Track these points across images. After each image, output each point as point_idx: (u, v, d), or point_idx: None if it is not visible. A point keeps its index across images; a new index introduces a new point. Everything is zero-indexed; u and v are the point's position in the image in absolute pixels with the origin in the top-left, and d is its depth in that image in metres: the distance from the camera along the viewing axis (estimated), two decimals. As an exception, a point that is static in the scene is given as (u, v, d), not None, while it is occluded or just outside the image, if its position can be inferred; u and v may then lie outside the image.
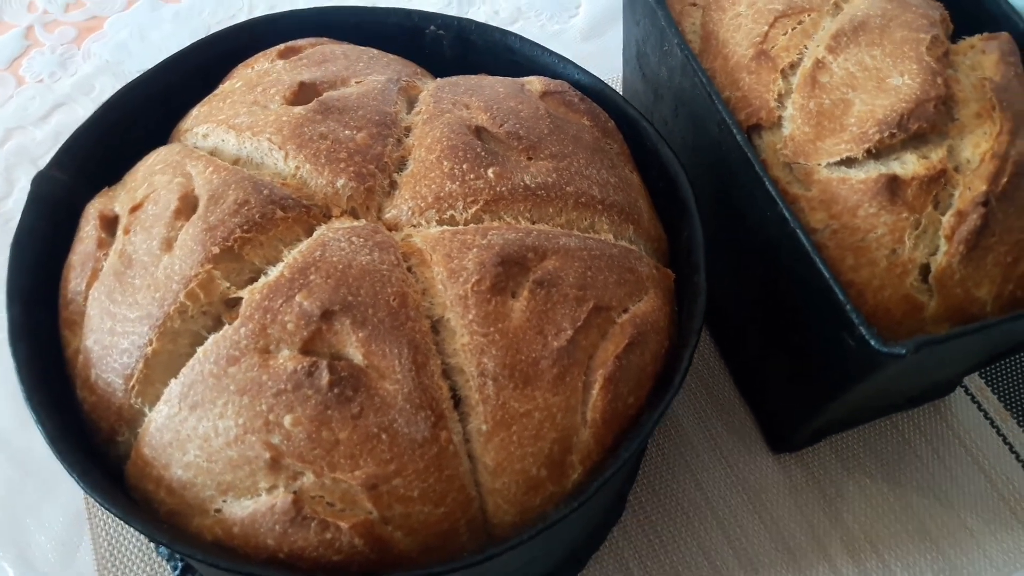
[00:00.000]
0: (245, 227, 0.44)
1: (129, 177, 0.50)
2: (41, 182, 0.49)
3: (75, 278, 0.47)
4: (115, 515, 0.40)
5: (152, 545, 0.56)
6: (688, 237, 0.51)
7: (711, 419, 0.64)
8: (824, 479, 0.62)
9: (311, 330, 0.41)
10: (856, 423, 0.62)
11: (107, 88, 0.77)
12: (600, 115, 0.54)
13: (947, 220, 0.48)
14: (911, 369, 0.47)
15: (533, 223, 0.48)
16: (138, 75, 0.55)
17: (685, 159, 0.53)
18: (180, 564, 0.54)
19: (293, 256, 0.43)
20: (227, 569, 0.39)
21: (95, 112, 0.52)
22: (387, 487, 0.41)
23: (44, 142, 0.74)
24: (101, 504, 0.40)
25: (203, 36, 0.80)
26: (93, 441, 0.45)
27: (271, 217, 0.44)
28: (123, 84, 0.77)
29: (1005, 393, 0.66)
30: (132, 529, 0.57)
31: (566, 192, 0.48)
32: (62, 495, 0.58)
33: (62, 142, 0.73)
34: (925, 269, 0.48)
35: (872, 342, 0.43)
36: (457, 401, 0.43)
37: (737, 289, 0.60)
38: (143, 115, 0.54)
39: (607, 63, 0.77)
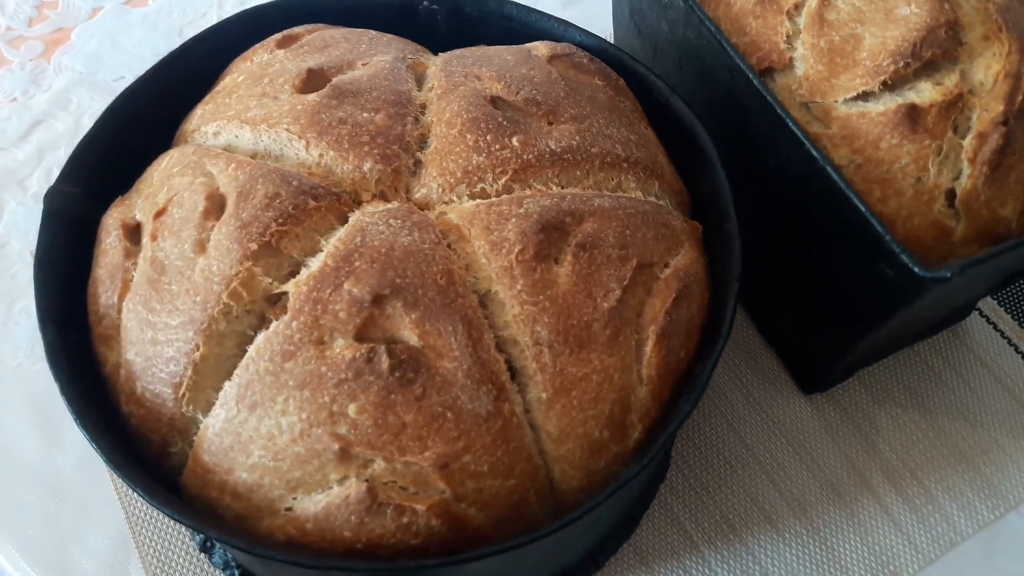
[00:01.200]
0: (280, 220, 0.43)
1: (143, 184, 0.49)
2: (54, 198, 0.47)
3: (105, 292, 0.45)
4: (187, 526, 0.39)
5: (202, 556, 0.55)
6: (712, 186, 0.51)
7: (740, 367, 0.64)
8: (857, 414, 0.63)
9: (364, 316, 0.41)
10: (883, 355, 0.63)
11: (84, 100, 0.75)
12: (611, 74, 0.54)
13: (968, 143, 0.48)
14: (949, 293, 0.47)
15: (562, 188, 0.47)
16: (132, 81, 0.53)
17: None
18: (237, 572, 0.53)
19: (333, 244, 0.43)
20: (311, 566, 0.38)
21: (96, 123, 0.51)
22: (458, 464, 0.40)
23: (28, 162, 0.71)
24: (172, 516, 0.39)
25: (177, 37, 0.79)
26: (143, 455, 0.44)
27: (304, 208, 0.43)
28: (100, 94, 0.76)
29: (1019, 312, 0.67)
30: (179, 544, 0.56)
31: (591, 153, 0.48)
32: (101, 518, 0.57)
33: (46, 160, 0.72)
34: (950, 194, 0.49)
35: (916, 269, 0.43)
36: (513, 372, 0.43)
37: (753, 236, 0.60)
38: (142, 122, 0.52)
39: (592, 26, 0.75)
